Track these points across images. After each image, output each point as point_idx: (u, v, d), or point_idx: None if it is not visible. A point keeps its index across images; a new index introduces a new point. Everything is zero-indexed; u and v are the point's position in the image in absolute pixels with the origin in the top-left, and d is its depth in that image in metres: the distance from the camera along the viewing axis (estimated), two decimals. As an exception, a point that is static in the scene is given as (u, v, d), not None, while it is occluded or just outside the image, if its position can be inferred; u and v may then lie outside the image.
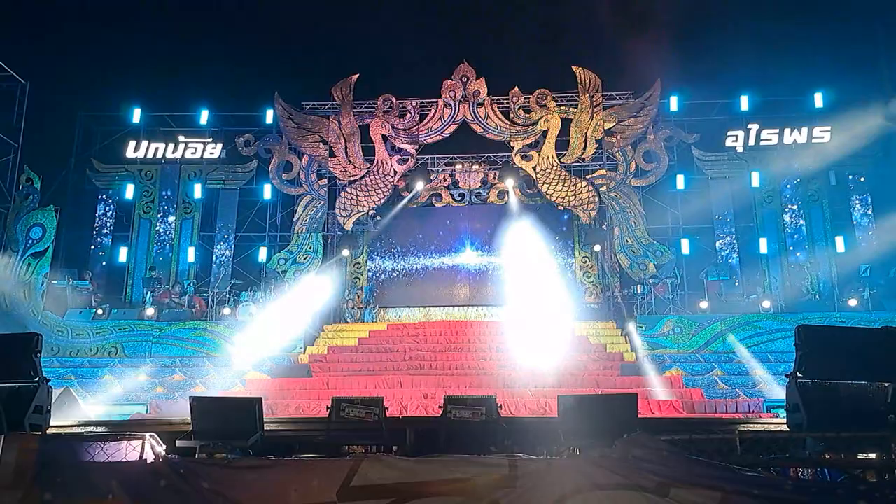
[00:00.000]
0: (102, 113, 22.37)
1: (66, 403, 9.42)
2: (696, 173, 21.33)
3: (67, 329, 18.18)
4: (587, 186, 20.94)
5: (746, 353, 16.50)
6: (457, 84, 21.64)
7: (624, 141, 21.18)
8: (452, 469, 4.86)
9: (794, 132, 20.80)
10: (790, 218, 20.55)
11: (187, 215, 22.04)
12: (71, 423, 7.91)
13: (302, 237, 21.40)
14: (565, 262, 21.96)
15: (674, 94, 21.34)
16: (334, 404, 6.77)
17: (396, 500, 4.76)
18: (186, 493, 4.84)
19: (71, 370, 16.56)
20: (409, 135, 21.62)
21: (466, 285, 22.10)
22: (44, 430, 5.92)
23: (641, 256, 20.26)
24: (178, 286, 20.25)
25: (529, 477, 4.76)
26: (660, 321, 17.93)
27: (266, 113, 22.16)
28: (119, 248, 21.59)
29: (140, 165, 22.19)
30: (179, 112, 22.45)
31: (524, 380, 15.65)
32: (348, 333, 19.44)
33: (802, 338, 5.84)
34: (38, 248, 19.10)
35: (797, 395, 5.69)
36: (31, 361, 6.06)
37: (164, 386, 16.17)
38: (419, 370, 16.70)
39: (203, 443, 5.92)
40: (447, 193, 22.77)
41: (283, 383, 16.23)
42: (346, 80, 21.97)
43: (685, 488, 4.56)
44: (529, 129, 21.40)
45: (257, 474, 4.97)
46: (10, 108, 20.27)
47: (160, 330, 18.15)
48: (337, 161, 21.74)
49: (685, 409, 14.10)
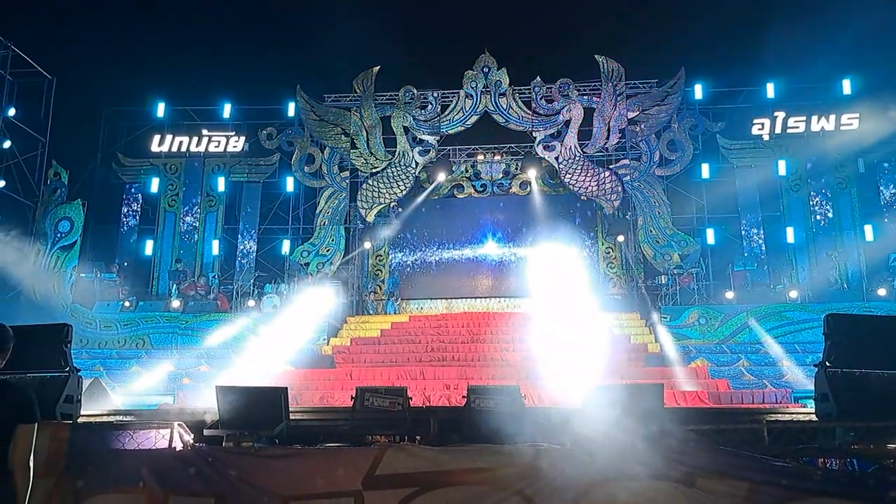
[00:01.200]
0: (127, 108, 22.64)
1: (95, 393, 9.54)
2: (722, 162, 21.10)
3: (96, 321, 18.45)
4: (610, 176, 20.78)
5: (769, 338, 16.34)
6: (478, 74, 21.55)
7: (648, 130, 20.98)
8: (476, 458, 4.86)
9: (821, 119, 20.50)
10: (818, 206, 20.26)
11: (211, 208, 22.22)
12: (101, 413, 8.03)
13: (324, 230, 21.48)
14: (588, 252, 21.84)
15: (698, 81, 21.11)
16: (358, 394, 6.80)
17: (421, 488, 4.78)
18: (215, 480, 4.90)
19: (100, 361, 16.79)
20: (430, 126, 21.59)
21: (489, 277, 22.06)
22: (74, 419, 6.01)
23: (666, 247, 20.08)
24: (203, 279, 20.45)
25: (554, 467, 4.75)
26: (685, 312, 17.81)
27: (288, 106, 22.24)
28: (145, 242, 21.84)
29: (165, 159, 22.40)
30: (203, 106, 22.63)
31: (546, 370, 15.59)
32: (371, 325, 19.52)
33: (831, 327, 5.76)
34: (67, 241, 19.41)
35: (826, 385, 5.63)
36: (61, 352, 6.15)
37: (191, 377, 16.34)
38: (442, 361, 16.71)
39: (230, 431, 5.97)
40: (469, 185, 22.74)
41: (308, 374, 16.32)
42: (367, 72, 21.97)
43: (712, 478, 4.53)
44: (552, 118, 21.27)
45: (284, 463, 5.01)
46: (37, 104, 20.59)
47: (186, 322, 18.36)
48: (358, 153, 21.77)
49: (711, 400, 13.97)
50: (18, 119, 20.44)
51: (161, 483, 4.91)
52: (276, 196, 22.41)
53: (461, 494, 4.74)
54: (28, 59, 20.10)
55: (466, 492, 4.75)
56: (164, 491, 4.89)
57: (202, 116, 22.75)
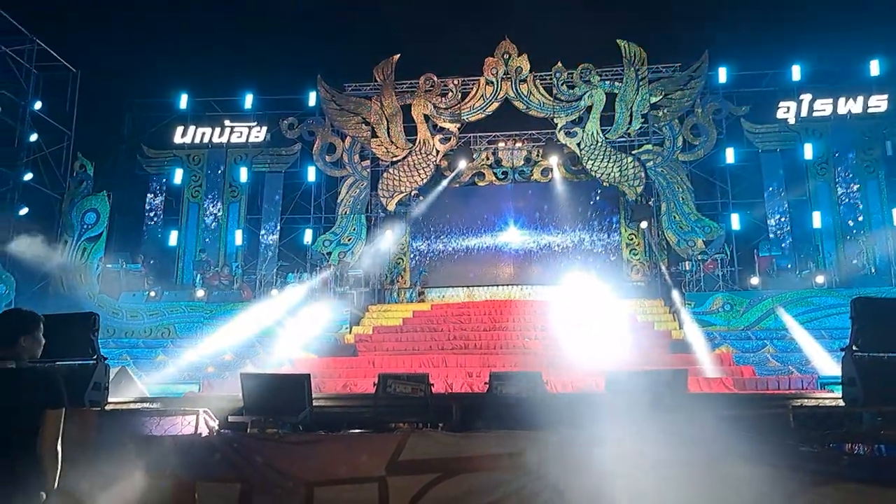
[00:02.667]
0: (151, 100, 22.81)
1: (122, 381, 9.68)
2: (746, 146, 20.84)
3: (122, 311, 18.70)
4: (633, 162, 20.61)
5: (795, 325, 16.18)
6: (499, 61, 21.41)
7: (671, 115, 20.76)
8: (499, 444, 4.86)
9: (848, 102, 20.17)
10: (845, 190, 19.94)
11: (234, 199, 22.38)
12: (128, 400, 8.15)
13: (346, 219, 21.54)
14: (611, 239, 21.70)
15: (722, 65, 20.83)
16: (381, 380, 6.82)
17: (443, 474, 4.79)
18: (241, 466, 4.95)
19: (126, 350, 17.02)
20: (451, 114, 21.52)
21: (510, 264, 22.00)
22: (102, 406, 6.10)
23: (690, 233, 19.90)
24: (226, 268, 20.65)
25: (577, 453, 4.74)
26: (709, 298, 17.66)
27: (309, 95, 22.30)
28: (169, 232, 22.08)
29: (188, 150, 22.58)
30: (225, 97, 22.78)
31: (569, 358, 15.54)
32: (392, 313, 19.57)
33: (858, 311, 5.69)
34: (93, 232, 19.67)
35: (853, 369, 5.56)
36: (89, 340, 6.23)
37: (215, 365, 16.49)
38: (464, 349, 16.72)
39: (254, 418, 6.03)
40: (490, 172, 22.66)
41: (330, 362, 16.42)
42: (387, 61, 21.92)
43: (737, 463, 4.49)
44: (573, 104, 21.11)
45: (308, 449, 5.06)
46: (62, 98, 20.88)
47: (210, 311, 18.54)
48: (379, 142, 21.77)
49: (736, 387, 13.84)
50: (44, 112, 20.74)
51: (188, 469, 4.97)
52: (297, 186, 22.53)
53: (483, 480, 4.75)
54: (53, 52, 20.36)
55: (489, 478, 4.75)
56: (191, 476, 4.95)
57: (224, 107, 22.89)
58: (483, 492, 4.70)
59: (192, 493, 4.91)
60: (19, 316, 3.72)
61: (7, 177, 19.57)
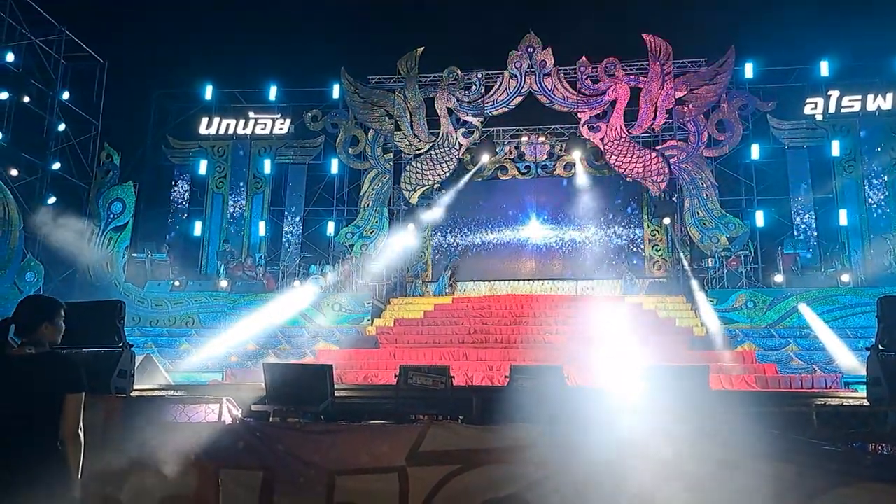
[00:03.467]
0: (176, 90, 23.02)
1: (147, 369, 9.82)
2: (772, 143, 20.63)
3: (147, 300, 18.96)
4: (657, 158, 20.45)
5: (814, 317, 16.06)
6: (523, 55, 21.33)
7: (696, 110, 20.56)
8: (518, 437, 4.89)
9: (877, 98, 19.88)
10: (872, 188, 19.66)
11: (258, 190, 22.55)
12: (153, 387, 8.27)
13: (368, 211, 21.60)
14: (633, 235, 21.60)
15: (749, 60, 20.62)
16: (402, 372, 6.86)
17: (463, 465, 4.82)
18: (263, 454, 5.01)
19: (151, 339, 17.27)
20: (474, 107, 21.49)
21: (532, 259, 21.97)
22: (128, 393, 6.19)
23: (713, 229, 19.72)
24: (250, 259, 20.83)
25: (596, 446, 4.74)
26: (732, 295, 17.54)
27: (333, 88, 22.37)
28: (194, 223, 22.30)
29: (213, 142, 22.77)
30: (249, 89, 22.93)
31: (589, 353, 15.51)
32: (414, 307, 19.64)
33: (885, 309, 5.63)
34: (119, 222, 19.92)
35: (879, 369, 5.51)
36: (115, 327, 6.31)
37: (238, 355, 16.67)
38: (484, 343, 16.75)
39: (276, 407, 6.08)
40: (513, 166, 22.61)
41: (352, 354, 16.53)
42: (411, 54, 21.91)
43: (759, 461, 4.47)
44: (597, 99, 20.97)
45: (330, 438, 5.11)
46: (90, 88, 21.19)
47: (234, 301, 18.73)
48: (402, 135, 21.79)
49: (758, 384, 13.75)
50: (72, 102, 21.03)
51: (211, 456, 5.04)
52: (320, 178, 22.65)
53: (503, 472, 4.77)
54: (81, 43, 20.60)
55: (508, 470, 4.77)
56: (214, 463, 5.02)
57: (249, 99, 23.05)
58: (502, 484, 4.73)
59: (215, 479, 4.98)
60: (41, 303, 3.78)
61: (36, 166, 19.88)
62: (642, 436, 4.72)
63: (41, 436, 3.43)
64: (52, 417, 3.42)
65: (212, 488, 4.96)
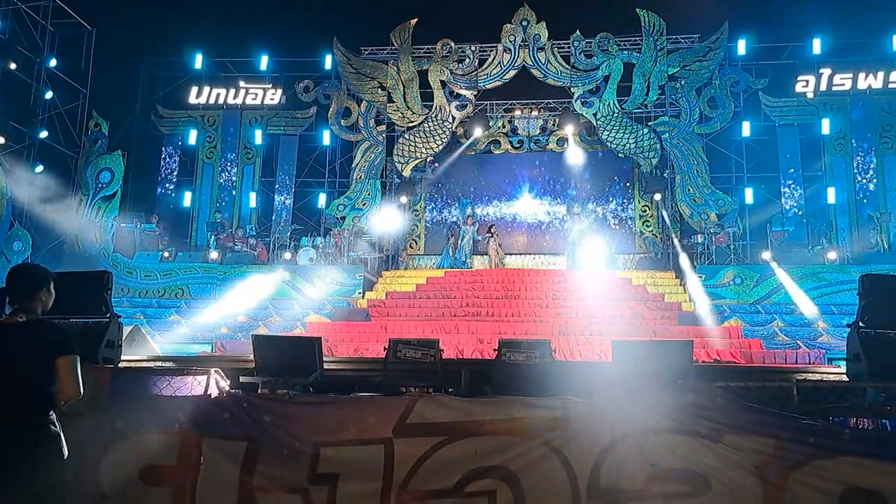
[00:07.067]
0: (165, 58, 22.69)
1: (136, 340, 9.81)
2: (763, 120, 20.65)
3: (136, 270, 18.91)
4: (649, 133, 20.45)
5: (791, 283, 16.44)
6: (517, 28, 21.18)
7: (688, 86, 20.52)
8: (505, 410, 4.93)
9: (868, 77, 19.87)
10: (861, 167, 19.74)
11: (248, 161, 22.42)
12: (141, 358, 8.30)
13: (360, 183, 21.53)
14: (624, 210, 21.68)
15: (742, 37, 20.55)
16: (391, 345, 6.90)
17: (449, 437, 4.88)
18: (248, 424, 5.05)
19: (140, 310, 17.26)
20: (467, 80, 21.36)
21: (524, 234, 22.05)
22: (115, 364, 6.20)
23: (703, 205, 19.80)
24: (240, 230, 20.77)
25: (581, 419, 4.81)
26: (720, 271, 17.68)
27: (325, 58, 22.15)
28: (184, 193, 22.16)
29: (202, 111, 22.57)
30: (240, 58, 22.68)
31: (579, 327, 15.67)
32: (406, 279, 19.67)
33: (866, 287, 5.69)
34: (107, 191, 19.80)
35: (858, 345, 5.58)
36: (102, 298, 6.26)
37: (228, 327, 16.71)
38: (476, 316, 16.83)
39: (265, 379, 6.12)
40: (506, 140, 22.58)
41: (343, 326, 16.58)
42: (404, 25, 21.70)
43: (739, 434, 4.55)
44: (591, 74, 20.89)
45: (317, 410, 5.14)
46: (77, 55, 20.86)
47: (224, 273, 18.71)
48: (395, 107, 21.65)
49: (743, 359, 13.92)
50: (59, 70, 20.73)
51: (196, 426, 5.07)
52: (312, 149, 22.50)
53: (490, 444, 4.83)
54: (68, 9, 20.28)
55: (495, 441, 4.83)
56: (198, 433, 5.05)
57: (239, 68, 22.82)
58: (488, 454, 4.79)
59: (198, 448, 5.01)
60: (37, 271, 3.82)
61: (23, 134, 19.66)
62: (628, 409, 4.79)
63: (35, 403, 3.47)
64: (46, 384, 3.45)
65: (193, 458, 4.99)
